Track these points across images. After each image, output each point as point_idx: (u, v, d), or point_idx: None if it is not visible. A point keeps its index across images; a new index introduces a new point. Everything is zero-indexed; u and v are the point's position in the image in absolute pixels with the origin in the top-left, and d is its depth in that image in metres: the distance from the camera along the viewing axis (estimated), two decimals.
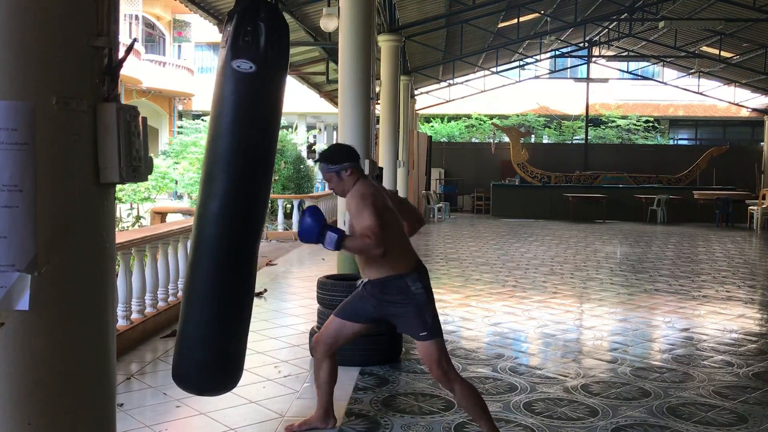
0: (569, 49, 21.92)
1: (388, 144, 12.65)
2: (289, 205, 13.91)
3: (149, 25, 26.90)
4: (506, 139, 21.89)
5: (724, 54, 19.00)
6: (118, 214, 13.67)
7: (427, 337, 3.24)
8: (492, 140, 23.85)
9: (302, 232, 3.18)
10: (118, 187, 2.48)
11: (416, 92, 22.13)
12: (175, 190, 19.89)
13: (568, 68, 26.42)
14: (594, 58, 22.27)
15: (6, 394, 1.52)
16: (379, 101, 12.41)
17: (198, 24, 25.27)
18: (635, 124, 26.45)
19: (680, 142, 28.50)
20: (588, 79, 22.57)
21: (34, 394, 1.54)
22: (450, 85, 23.47)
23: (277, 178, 16.14)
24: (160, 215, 14.22)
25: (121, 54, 1.67)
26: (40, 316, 1.54)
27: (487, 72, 22.52)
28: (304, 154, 20.52)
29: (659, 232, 15.46)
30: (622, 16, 17.23)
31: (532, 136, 26.68)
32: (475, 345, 5.42)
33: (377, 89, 11.11)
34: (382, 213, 3.23)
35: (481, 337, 5.72)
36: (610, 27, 19.90)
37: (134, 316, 5.32)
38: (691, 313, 6.75)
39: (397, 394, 4.18)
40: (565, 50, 22.47)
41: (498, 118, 26.07)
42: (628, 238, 14.06)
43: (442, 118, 27.33)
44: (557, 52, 23.49)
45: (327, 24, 9.05)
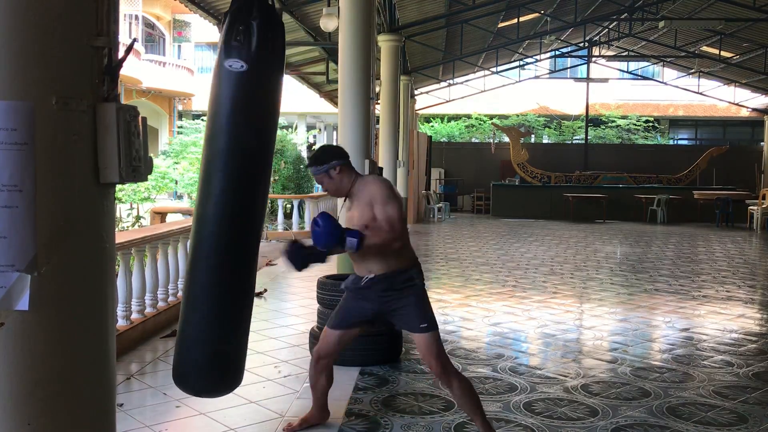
0: (569, 49, 21.92)
1: (388, 144, 12.67)
2: (288, 205, 13.88)
3: (149, 25, 26.90)
4: (506, 139, 21.88)
5: (724, 54, 19.00)
6: (118, 214, 13.67)
7: (427, 329, 3.29)
8: (492, 140, 23.85)
9: (322, 237, 3.11)
10: (118, 187, 2.48)
11: (416, 92, 22.13)
12: (175, 190, 19.90)
13: (568, 68, 26.42)
14: (594, 58, 22.27)
15: (6, 394, 1.52)
16: (379, 101, 12.41)
17: (198, 24, 25.29)
18: (635, 124, 26.45)
19: (680, 142, 28.50)
20: (588, 79, 22.56)
21: (34, 394, 1.54)
22: (450, 85, 23.47)
23: (276, 178, 16.14)
24: (160, 215, 14.22)
25: (121, 54, 1.67)
26: (40, 316, 1.54)
27: (487, 72, 22.52)
28: (304, 154, 20.50)
29: (659, 232, 15.45)
30: (622, 16, 17.24)
31: (532, 136, 26.68)
32: (475, 345, 5.42)
33: (377, 89, 11.10)
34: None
35: (481, 337, 5.72)
36: (610, 27, 19.90)
37: (134, 316, 5.32)
38: (691, 313, 6.74)
39: (397, 394, 4.17)
40: (565, 50, 22.47)
41: (498, 118, 26.07)
42: (628, 238, 14.05)
43: (442, 118, 27.33)
44: (557, 52, 23.49)
45: (327, 24, 9.05)
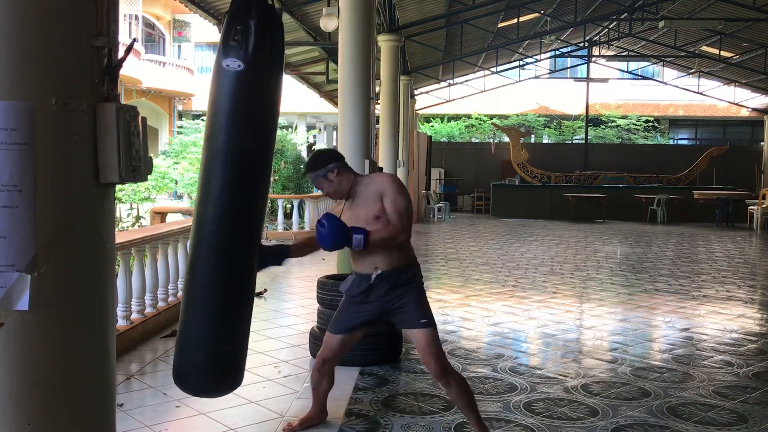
0: (569, 48, 21.91)
1: (388, 144, 12.66)
2: (288, 205, 13.88)
3: (149, 25, 26.90)
4: (506, 139, 21.88)
5: (724, 54, 19.00)
6: (118, 214, 13.66)
7: (427, 324, 3.31)
8: (492, 140, 23.85)
9: (328, 238, 3.12)
10: (118, 187, 2.47)
11: (416, 92, 22.13)
12: (175, 190, 19.89)
13: (568, 68, 26.42)
14: (594, 58, 22.26)
15: (6, 394, 1.52)
16: (379, 101, 12.41)
17: (198, 24, 25.28)
18: (635, 124, 26.45)
19: (680, 142, 28.50)
20: (588, 79, 22.56)
21: (34, 394, 1.54)
22: (450, 85, 23.47)
23: (276, 178, 16.13)
24: (160, 215, 14.21)
25: (121, 54, 1.68)
26: (40, 316, 1.54)
27: (487, 72, 22.52)
28: (304, 154, 20.50)
29: (659, 232, 15.45)
30: (622, 16, 17.24)
31: (532, 136, 26.68)
32: (475, 345, 5.42)
33: (377, 89, 11.11)
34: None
35: (481, 337, 5.72)
36: (610, 27, 19.90)
37: (134, 316, 5.32)
38: (691, 313, 6.74)
39: (397, 394, 4.17)
40: (565, 50, 22.47)
41: (498, 118, 26.07)
42: (628, 238, 14.05)
43: (442, 118, 27.33)
44: (557, 52, 23.49)
45: (327, 24, 9.05)
